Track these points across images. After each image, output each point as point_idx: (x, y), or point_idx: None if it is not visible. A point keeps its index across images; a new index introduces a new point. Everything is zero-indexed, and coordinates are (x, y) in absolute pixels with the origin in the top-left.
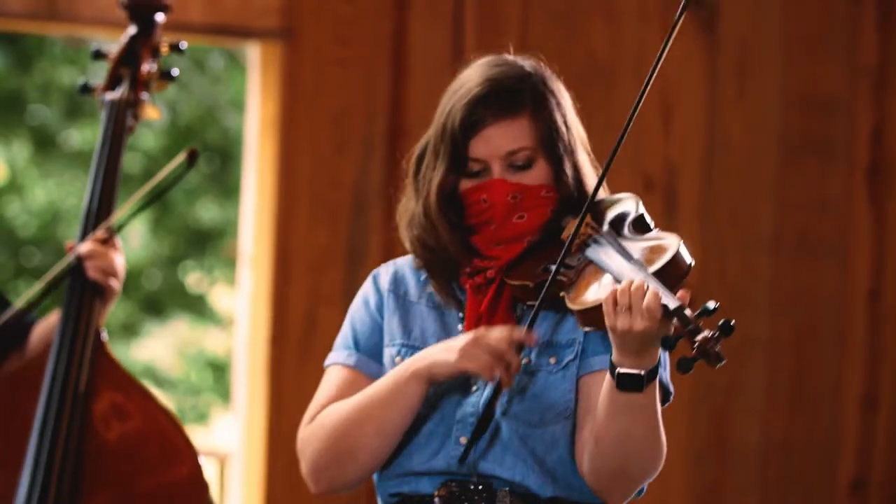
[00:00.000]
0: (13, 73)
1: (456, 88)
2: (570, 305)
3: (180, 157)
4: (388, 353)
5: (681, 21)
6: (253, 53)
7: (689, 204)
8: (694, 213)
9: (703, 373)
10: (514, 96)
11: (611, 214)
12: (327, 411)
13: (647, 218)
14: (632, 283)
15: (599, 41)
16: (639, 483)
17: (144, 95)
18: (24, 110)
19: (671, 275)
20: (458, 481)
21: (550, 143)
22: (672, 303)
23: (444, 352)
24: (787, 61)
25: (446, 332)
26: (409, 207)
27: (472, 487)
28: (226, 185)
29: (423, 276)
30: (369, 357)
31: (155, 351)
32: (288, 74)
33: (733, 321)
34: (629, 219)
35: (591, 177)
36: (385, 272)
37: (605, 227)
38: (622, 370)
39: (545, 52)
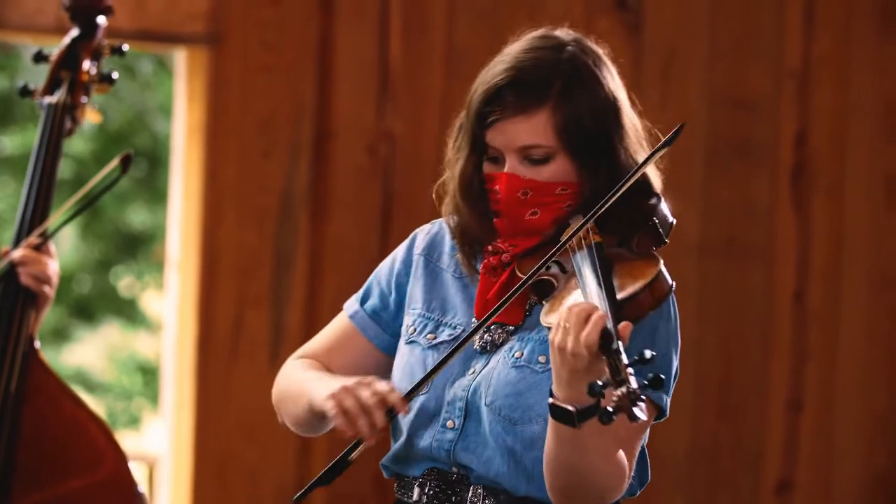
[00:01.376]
0: None
1: (488, 68)
2: (541, 320)
3: (114, 162)
4: (407, 319)
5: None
6: (179, 59)
7: None
8: None
9: None
10: (536, 90)
11: (625, 219)
12: (289, 371)
13: (662, 228)
14: (575, 306)
15: None
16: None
17: (84, 99)
18: None
19: (635, 305)
20: (439, 470)
21: (574, 140)
22: (613, 340)
23: (325, 386)
24: (713, 64)
25: (468, 307)
26: (447, 180)
27: (450, 479)
28: (156, 189)
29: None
30: (369, 317)
31: (86, 356)
32: (214, 79)
33: (663, 375)
34: (641, 228)
35: (626, 149)
36: (425, 233)
37: (612, 234)
38: (554, 401)
39: (471, 55)
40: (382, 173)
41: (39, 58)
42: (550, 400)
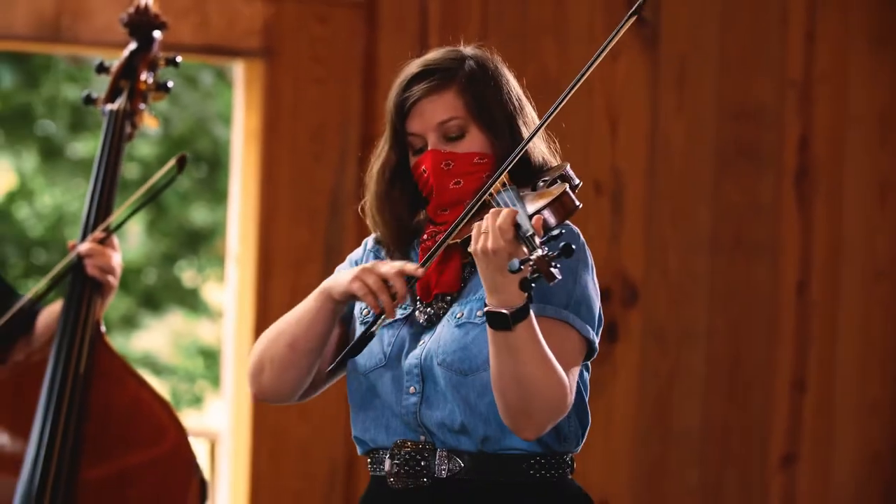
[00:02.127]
0: (22, 90)
1: (400, 74)
2: (470, 250)
3: (171, 163)
4: (358, 305)
5: (621, 31)
6: (238, 71)
7: (633, 207)
8: (638, 216)
9: (649, 361)
10: (444, 73)
11: (536, 177)
12: (272, 327)
13: (572, 178)
14: (491, 211)
15: (551, 60)
16: (544, 420)
17: (142, 105)
18: (32, 123)
19: (551, 214)
20: (407, 441)
21: (482, 113)
22: (525, 224)
23: (346, 274)
24: (723, 75)
25: (411, 288)
26: (367, 197)
27: (418, 447)
28: (215, 189)
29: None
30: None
31: (153, 341)
32: (269, 90)
33: (574, 245)
34: (548, 177)
35: (534, 145)
36: (373, 238)
37: (524, 185)
38: (489, 308)
39: None
40: None
41: (101, 69)
42: (486, 308)
